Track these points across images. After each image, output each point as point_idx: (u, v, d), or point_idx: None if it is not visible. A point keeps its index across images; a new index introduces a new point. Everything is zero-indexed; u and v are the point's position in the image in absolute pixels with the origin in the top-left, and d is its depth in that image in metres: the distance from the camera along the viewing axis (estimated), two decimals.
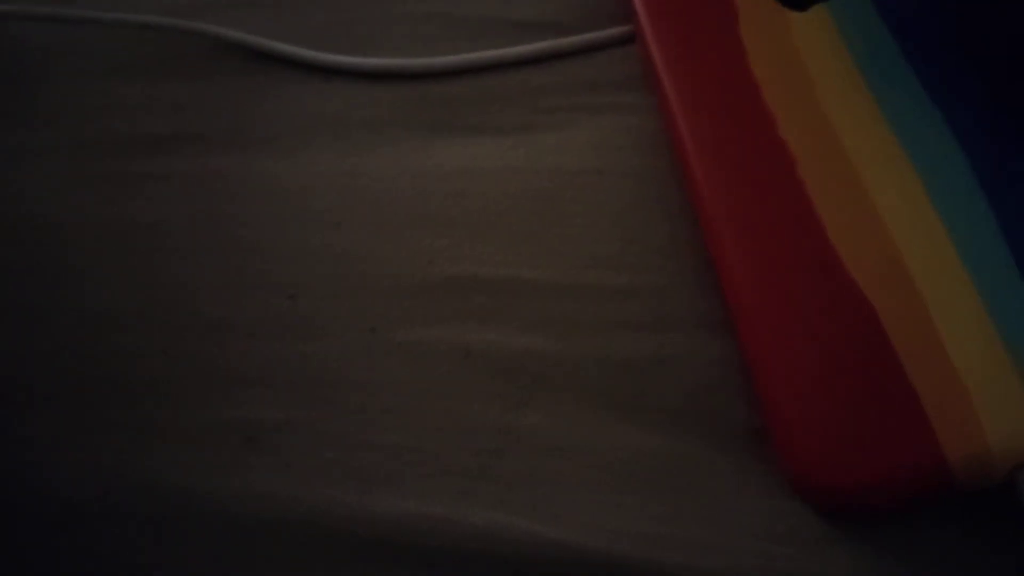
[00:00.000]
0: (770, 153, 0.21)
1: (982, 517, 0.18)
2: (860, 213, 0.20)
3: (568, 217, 0.23)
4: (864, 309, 0.19)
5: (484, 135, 0.25)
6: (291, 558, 0.19)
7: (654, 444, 0.20)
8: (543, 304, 0.22)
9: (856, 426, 0.17)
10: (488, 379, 0.21)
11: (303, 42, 0.28)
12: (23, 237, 0.25)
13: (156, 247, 0.24)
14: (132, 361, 0.22)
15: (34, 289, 0.24)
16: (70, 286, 0.24)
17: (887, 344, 0.18)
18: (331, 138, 0.26)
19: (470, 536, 0.19)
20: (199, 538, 0.19)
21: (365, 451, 0.20)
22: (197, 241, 0.24)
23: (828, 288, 0.19)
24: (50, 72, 0.29)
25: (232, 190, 0.25)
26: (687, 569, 0.18)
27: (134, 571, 0.19)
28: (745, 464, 0.19)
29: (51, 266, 0.24)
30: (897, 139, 0.20)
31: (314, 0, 0.29)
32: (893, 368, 0.18)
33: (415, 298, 0.22)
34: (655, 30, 0.24)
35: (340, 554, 0.19)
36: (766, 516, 0.18)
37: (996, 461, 0.16)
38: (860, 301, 0.19)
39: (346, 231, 0.24)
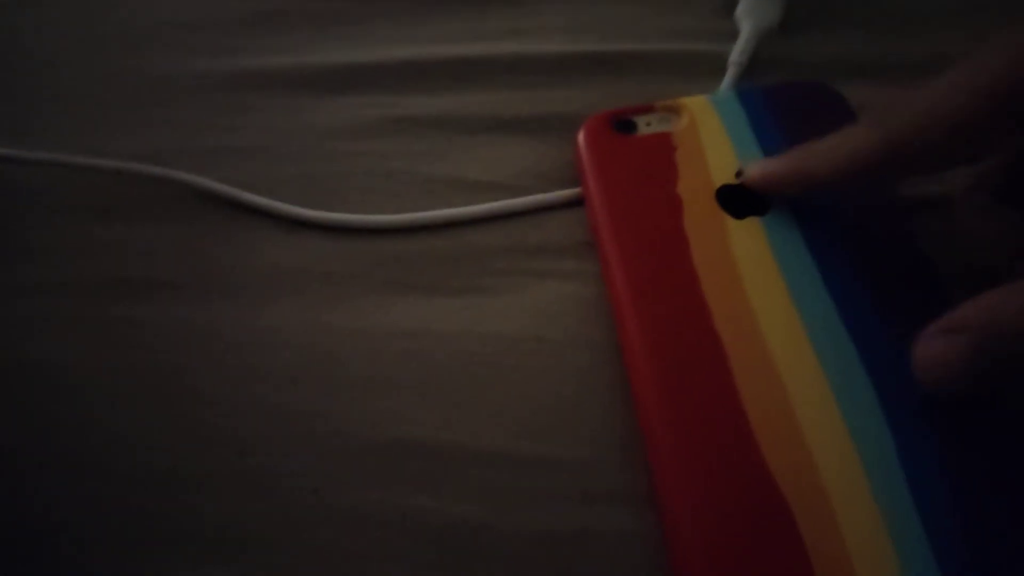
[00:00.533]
0: (705, 342, 0.23)
1: None
2: (778, 408, 0.22)
3: (507, 384, 0.24)
4: (776, 499, 0.20)
5: (437, 295, 0.26)
6: None
7: None
8: (477, 472, 0.23)
9: None
10: (422, 546, 0.22)
11: (273, 192, 0.29)
12: None
13: (111, 393, 0.25)
14: (74, 511, 0.23)
15: None
16: (22, 429, 0.24)
17: (796, 532, 0.20)
18: (293, 291, 0.27)
19: None
20: None
21: None
22: (154, 390, 0.25)
23: (746, 475, 0.21)
24: (33, 211, 0.30)
25: (193, 340, 0.26)
26: None
27: None
28: None
29: (8, 407, 0.25)
30: (812, 348, 0.23)
31: (288, 153, 0.31)
32: (800, 555, 0.20)
33: (359, 459, 0.23)
34: (603, 210, 0.26)
35: None
36: None
37: None
38: (774, 491, 0.20)
39: (301, 388, 0.25)
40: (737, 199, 0.26)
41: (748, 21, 0.32)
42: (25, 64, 0.35)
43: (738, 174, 0.26)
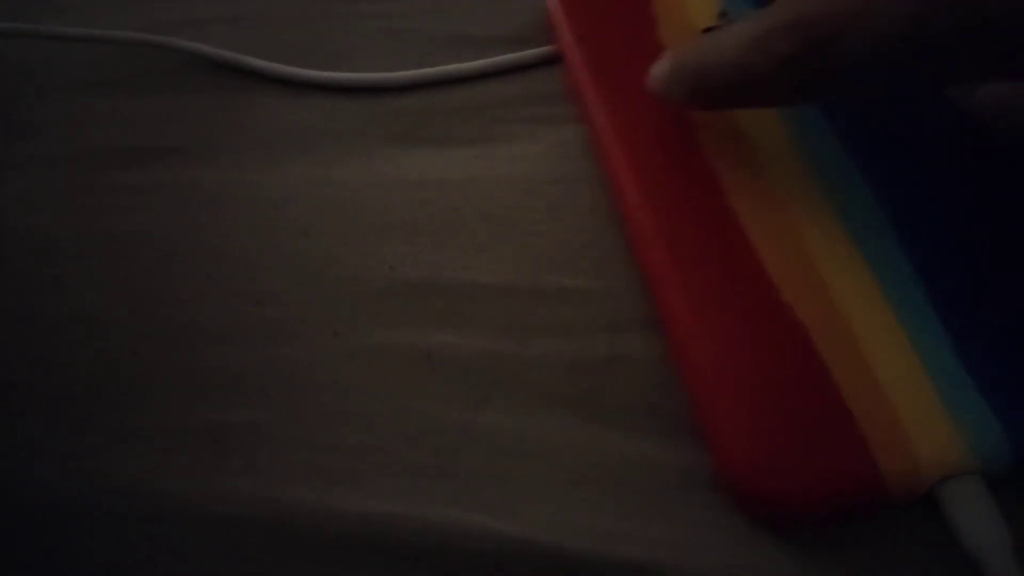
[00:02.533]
0: (703, 181, 0.22)
1: (910, 527, 0.18)
2: (793, 249, 0.21)
3: (526, 224, 0.24)
4: (799, 334, 0.19)
5: (447, 147, 0.26)
6: (256, 556, 0.19)
7: (608, 442, 0.20)
8: (500, 307, 0.22)
9: (794, 439, 0.18)
10: (447, 381, 0.22)
11: (276, 57, 0.29)
12: (2, 247, 0.25)
13: (133, 255, 0.25)
14: (105, 365, 0.23)
15: (13, 294, 0.24)
16: (49, 292, 0.24)
17: (822, 367, 0.19)
18: (301, 150, 0.26)
19: (429, 532, 0.19)
20: (167, 537, 0.20)
21: (329, 452, 0.21)
22: (171, 249, 0.25)
23: (765, 312, 0.20)
24: (30, 87, 0.29)
25: (205, 200, 0.26)
26: (643, 565, 0.18)
27: (104, 570, 0.20)
28: (693, 463, 0.20)
29: (31, 273, 0.25)
30: (813, 175, 0.22)
31: (288, 18, 0.30)
32: (828, 388, 0.19)
33: (378, 303, 0.23)
34: (583, 64, 0.25)
35: (305, 551, 0.19)
36: (712, 516, 0.19)
37: (923, 475, 0.18)
38: (795, 325, 0.20)
39: (314, 238, 0.24)
40: None
41: None
42: None
43: (720, 15, 0.25)
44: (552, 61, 0.28)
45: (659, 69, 0.21)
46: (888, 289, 0.20)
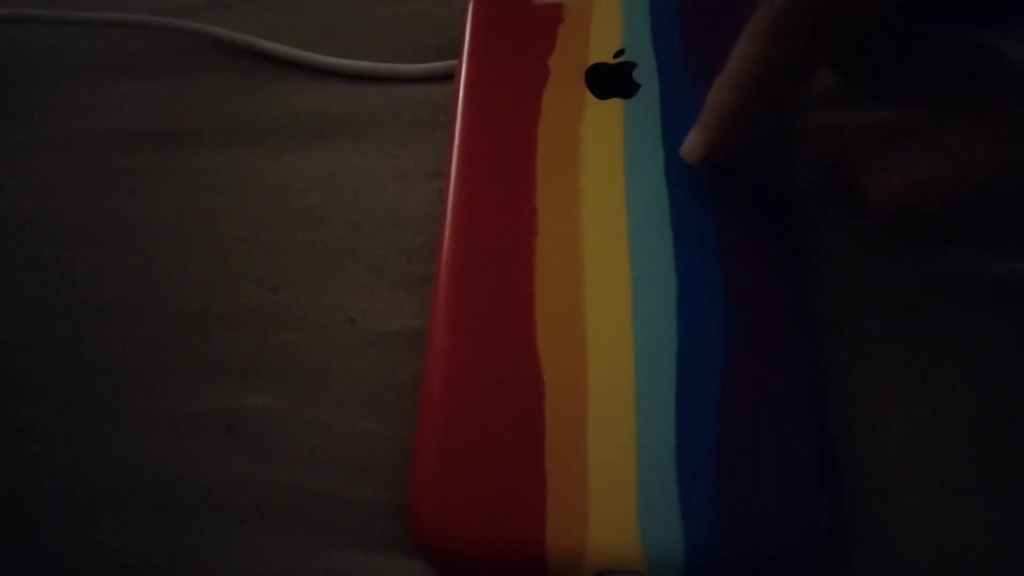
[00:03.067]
0: (520, 214, 0.22)
1: None
2: (570, 305, 0.20)
3: None
4: (536, 388, 0.19)
5: None
6: (272, 543, 0.20)
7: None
8: None
9: (478, 492, 0.18)
10: None
11: (294, 42, 0.28)
12: (14, 231, 0.25)
13: (144, 240, 0.25)
14: (118, 351, 0.23)
15: (25, 282, 0.24)
16: (61, 279, 0.24)
17: (540, 429, 0.19)
18: (316, 136, 0.26)
19: None
20: (182, 523, 0.20)
21: (346, 439, 0.21)
22: (184, 235, 0.25)
23: (514, 356, 0.20)
24: (42, 71, 0.29)
25: (220, 186, 0.25)
26: None
27: (117, 556, 0.20)
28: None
29: (41, 259, 0.24)
30: (628, 242, 0.21)
31: (306, 3, 0.30)
32: (535, 451, 0.18)
33: (393, 293, 0.23)
34: (468, 72, 0.25)
35: (322, 540, 0.20)
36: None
37: (587, 562, 0.17)
38: (536, 379, 0.19)
39: (328, 227, 0.24)
40: (608, 80, 0.24)
41: None
42: None
43: (617, 54, 0.25)
44: None
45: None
46: (641, 372, 0.19)
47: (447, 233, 0.22)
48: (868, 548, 0.19)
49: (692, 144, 0.21)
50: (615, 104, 0.24)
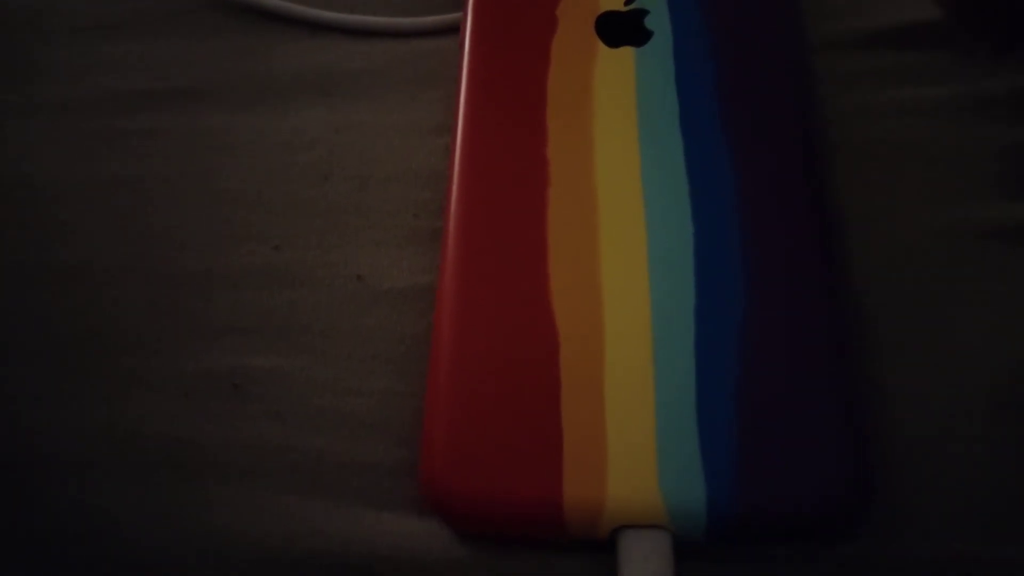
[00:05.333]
0: (532, 165, 0.21)
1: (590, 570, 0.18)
2: (584, 255, 0.20)
3: None
4: (550, 340, 0.19)
5: None
6: (281, 505, 0.19)
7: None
8: None
9: (493, 445, 0.17)
10: None
11: None
12: (9, 193, 0.25)
13: (143, 201, 0.24)
14: (119, 313, 0.22)
15: (22, 244, 0.24)
16: (59, 241, 0.24)
17: (555, 382, 0.18)
18: (318, 92, 0.26)
19: None
20: (187, 486, 0.19)
21: (355, 397, 0.20)
22: (183, 195, 0.24)
23: (527, 308, 0.19)
24: (36, 31, 0.28)
25: (219, 144, 0.25)
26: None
27: (121, 520, 0.19)
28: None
29: (40, 221, 0.24)
30: (643, 193, 0.21)
31: None
32: (551, 405, 0.18)
33: (401, 249, 0.22)
34: (474, 23, 0.24)
35: (332, 500, 0.19)
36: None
37: (606, 516, 0.17)
38: (550, 331, 0.19)
39: (333, 184, 0.24)
40: (619, 28, 0.23)
41: None
42: None
43: (628, 1, 0.24)
44: None
45: None
46: (659, 323, 0.19)
47: (455, 186, 0.21)
48: (889, 503, 0.18)
49: None
50: (627, 52, 0.23)
